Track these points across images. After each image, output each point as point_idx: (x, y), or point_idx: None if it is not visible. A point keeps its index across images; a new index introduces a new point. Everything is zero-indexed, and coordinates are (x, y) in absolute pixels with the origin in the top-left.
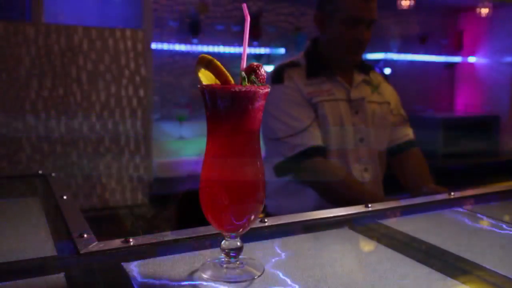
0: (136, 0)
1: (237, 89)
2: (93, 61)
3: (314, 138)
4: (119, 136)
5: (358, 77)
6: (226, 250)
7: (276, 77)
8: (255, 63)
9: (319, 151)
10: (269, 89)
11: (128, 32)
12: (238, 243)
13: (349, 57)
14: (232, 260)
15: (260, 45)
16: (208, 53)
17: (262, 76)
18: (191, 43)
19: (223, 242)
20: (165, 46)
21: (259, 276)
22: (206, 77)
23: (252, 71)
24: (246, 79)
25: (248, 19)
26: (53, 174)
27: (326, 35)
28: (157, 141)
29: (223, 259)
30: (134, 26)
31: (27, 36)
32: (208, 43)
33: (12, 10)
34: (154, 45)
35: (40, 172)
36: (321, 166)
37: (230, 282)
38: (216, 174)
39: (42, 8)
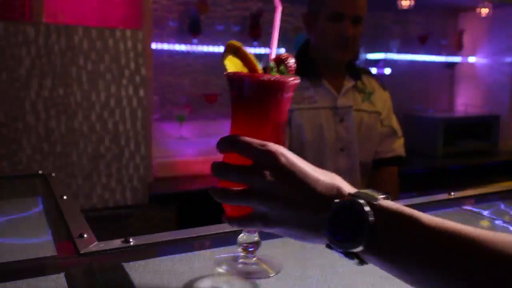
0: (136, 0)
1: (266, 78)
2: (93, 61)
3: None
4: (119, 136)
5: (348, 83)
6: (244, 245)
7: None
8: (285, 54)
9: None
10: (298, 81)
11: (128, 32)
12: (256, 238)
13: (335, 55)
14: (250, 256)
15: (260, 45)
16: (208, 53)
17: (292, 67)
18: (191, 43)
19: (240, 236)
20: (165, 46)
21: (273, 275)
22: (233, 65)
23: (281, 61)
24: (275, 69)
25: (280, 8)
26: (53, 174)
27: (313, 34)
28: (157, 141)
29: (240, 254)
30: (134, 26)
31: (27, 36)
32: (208, 43)
33: (12, 10)
34: (154, 45)
35: (40, 172)
36: None
37: (244, 278)
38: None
39: (42, 8)
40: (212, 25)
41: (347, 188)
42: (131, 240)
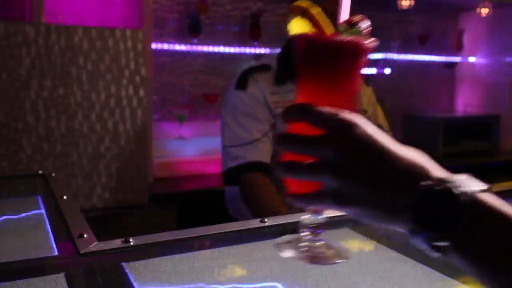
0: (136, 0)
1: (340, 39)
2: (93, 61)
3: (258, 153)
4: (119, 136)
5: None
6: (311, 226)
7: (241, 82)
8: (359, 15)
9: (259, 167)
10: (377, 43)
11: (128, 32)
12: (323, 219)
13: None
14: (315, 239)
15: (260, 45)
16: (208, 53)
17: (367, 29)
18: (191, 43)
19: (304, 218)
20: (165, 46)
21: (340, 262)
22: (300, 27)
23: (354, 24)
24: (348, 31)
25: None
26: (53, 174)
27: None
28: (157, 141)
29: (304, 237)
30: (134, 26)
31: (27, 36)
32: (208, 43)
33: (12, 10)
34: (154, 45)
35: (40, 172)
36: (254, 183)
37: (312, 264)
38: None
39: (42, 8)
40: (212, 25)
41: (436, 170)
42: (131, 240)
